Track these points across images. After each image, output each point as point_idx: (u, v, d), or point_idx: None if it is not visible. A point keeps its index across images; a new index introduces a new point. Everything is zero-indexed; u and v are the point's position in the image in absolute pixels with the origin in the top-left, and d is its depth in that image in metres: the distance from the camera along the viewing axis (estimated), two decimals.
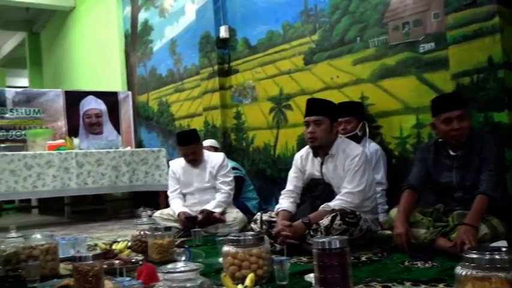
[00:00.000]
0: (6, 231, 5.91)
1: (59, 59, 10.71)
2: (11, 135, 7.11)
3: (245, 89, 5.97)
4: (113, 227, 6.06)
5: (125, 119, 7.96)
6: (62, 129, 7.45)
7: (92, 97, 7.75)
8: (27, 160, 6.22)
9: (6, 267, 3.12)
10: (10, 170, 6.10)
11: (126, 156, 6.90)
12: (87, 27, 9.42)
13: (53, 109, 7.48)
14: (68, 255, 3.38)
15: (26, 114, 7.27)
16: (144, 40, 7.88)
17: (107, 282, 2.50)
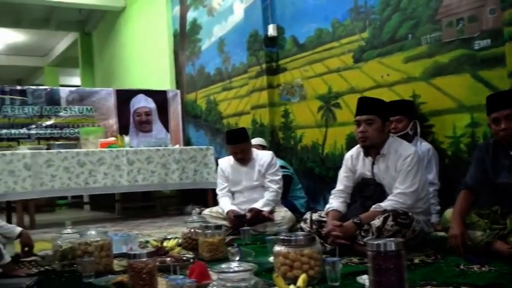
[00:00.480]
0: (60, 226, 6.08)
1: (110, 58, 10.95)
2: (64, 133, 7.32)
3: (293, 88, 5.95)
4: (162, 224, 6.16)
5: (173, 117, 8.06)
6: (113, 127, 7.62)
7: (142, 95, 7.89)
8: (80, 157, 6.39)
9: (63, 262, 3.21)
10: (64, 167, 6.28)
11: (175, 154, 6.99)
12: (137, 27, 9.59)
13: (105, 107, 7.66)
14: (120, 252, 3.45)
15: (79, 112, 7.47)
16: (193, 39, 7.96)
17: (160, 280, 2.54)
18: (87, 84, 11.87)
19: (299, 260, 2.43)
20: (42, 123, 7.20)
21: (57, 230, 5.85)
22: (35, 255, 3.60)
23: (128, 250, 3.10)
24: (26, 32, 12.60)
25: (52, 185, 6.22)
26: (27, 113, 7.11)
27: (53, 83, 14.13)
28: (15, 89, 7.29)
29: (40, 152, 6.26)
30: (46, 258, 3.45)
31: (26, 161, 6.05)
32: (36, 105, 7.18)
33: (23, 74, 16.57)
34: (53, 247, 3.32)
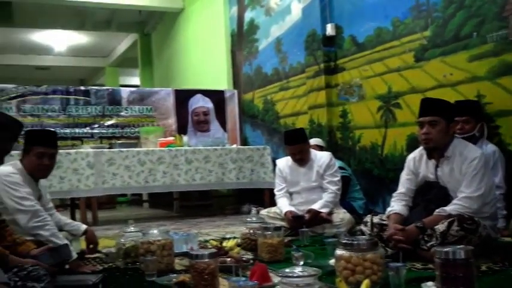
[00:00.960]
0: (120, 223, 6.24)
1: (169, 58, 11.14)
2: (125, 132, 7.50)
3: (352, 87, 5.87)
4: (220, 223, 6.21)
5: (230, 117, 8.12)
6: (172, 127, 7.75)
7: (199, 95, 7.98)
8: (141, 156, 6.54)
9: (126, 260, 3.29)
10: (125, 166, 6.45)
11: (233, 154, 7.05)
12: (195, 28, 9.71)
13: (164, 107, 7.80)
14: (181, 251, 3.50)
15: (139, 112, 7.63)
16: (250, 39, 7.99)
17: (221, 280, 2.56)
18: (146, 84, 12.12)
19: (361, 264, 2.39)
20: (104, 123, 7.41)
21: (118, 227, 6.06)
22: (99, 252, 3.70)
23: (189, 250, 3.15)
24: (89, 34, 13.00)
25: (113, 183, 6.39)
26: (90, 113, 7.33)
27: (113, 83, 14.52)
28: (79, 90, 7.54)
29: (102, 151, 6.45)
30: (110, 256, 3.54)
31: (89, 159, 6.25)
32: (99, 105, 7.38)
33: (85, 74, 17.10)
34: (117, 245, 3.40)
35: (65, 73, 16.10)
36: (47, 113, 7.06)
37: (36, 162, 3.19)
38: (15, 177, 3.13)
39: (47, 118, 7.06)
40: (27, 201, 3.10)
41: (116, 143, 6.93)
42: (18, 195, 3.09)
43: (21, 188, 3.12)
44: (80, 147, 6.76)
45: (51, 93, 7.16)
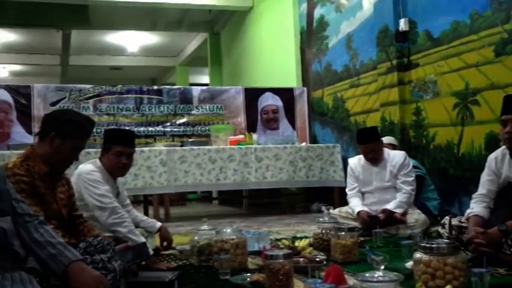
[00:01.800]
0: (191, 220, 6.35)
1: (237, 56, 11.23)
2: (196, 130, 7.62)
3: (426, 84, 5.69)
4: (290, 221, 6.19)
5: (300, 115, 8.08)
6: (242, 125, 7.80)
7: (269, 93, 7.99)
8: (212, 154, 6.63)
9: (200, 258, 3.33)
10: (196, 164, 6.56)
11: (302, 152, 7.01)
12: (264, 26, 9.73)
13: (234, 105, 7.86)
14: (252, 249, 3.51)
15: (210, 110, 7.74)
16: (320, 36, 7.91)
17: (296, 281, 2.54)
18: (216, 83, 12.28)
19: (442, 269, 2.30)
20: (176, 121, 7.55)
21: (189, 223, 6.17)
22: (173, 249, 3.77)
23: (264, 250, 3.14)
24: (160, 34, 13.31)
25: (185, 181, 6.52)
26: (162, 112, 7.50)
27: (183, 81, 14.80)
28: (152, 89, 7.73)
29: (175, 148, 6.59)
30: (183, 253, 3.60)
31: (162, 157, 6.40)
32: (171, 104, 7.54)
33: (156, 74, 17.53)
34: (190, 242, 3.45)
35: (137, 73, 16.59)
36: (121, 112, 7.29)
37: (115, 161, 3.29)
38: (95, 175, 3.24)
39: (122, 117, 7.29)
40: (106, 198, 3.20)
41: (187, 141, 7.06)
42: (98, 193, 3.20)
43: (100, 186, 3.23)
44: (153, 145, 6.93)
45: (126, 93, 7.39)
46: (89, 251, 1.93)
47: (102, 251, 1.92)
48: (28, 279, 1.62)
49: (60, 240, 1.82)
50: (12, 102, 6.82)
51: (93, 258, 1.89)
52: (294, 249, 3.41)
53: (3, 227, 1.67)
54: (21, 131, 6.79)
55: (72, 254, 1.76)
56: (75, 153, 2.65)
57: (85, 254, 1.91)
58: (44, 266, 1.74)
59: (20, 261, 1.68)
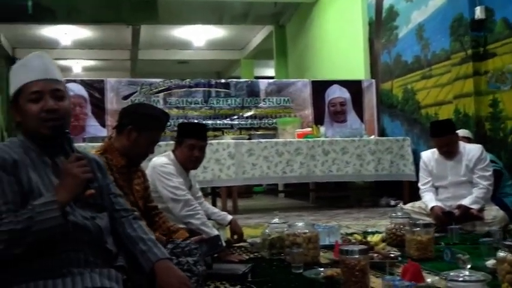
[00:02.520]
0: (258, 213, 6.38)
1: (303, 49, 11.14)
2: (263, 123, 7.63)
3: (504, 74, 5.43)
4: (358, 215, 6.10)
5: (368, 107, 7.93)
6: (309, 118, 7.74)
7: (336, 86, 7.89)
8: (279, 147, 6.62)
9: (271, 251, 3.32)
10: (264, 156, 6.57)
11: (371, 145, 6.89)
12: (331, 17, 9.60)
13: (301, 98, 7.81)
14: (324, 243, 3.47)
15: (277, 103, 7.72)
16: (389, 26, 7.72)
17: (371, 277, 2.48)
18: (281, 76, 12.24)
19: None
20: (243, 114, 7.59)
21: (257, 216, 6.20)
22: (244, 242, 3.79)
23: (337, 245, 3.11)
24: (226, 28, 13.40)
25: (253, 173, 6.55)
26: (230, 105, 7.56)
27: (248, 74, 14.85)
28: (220, 82, 7.80)
29: (242, 141, 6.63)
30: (254, 246, 3.62)
31: (230, 150, 6.46)
32: (238, 97, 7.58)
33: (222, 67, 17.69)
34: (262, 235, 3.45)
35: (203, 66, 16.80)
36: (190, 105, 7.40)
37: (188, 154, 3.34)
38: (169, 168, 3.30)
39: (191, 110, 7.40)
40: (180, 190, 3.25)
41: (254, 134, 7.09)
42: (172, 185, 3.25)
43: (174, 178, 3.28)
44: (221, 138, 7.00)
45: (194, 86, 7.49)
46: (175, 252, 1.94)
47: (189, 254, 1.94)
48: (115, 276, 1.64)
49: (151, 237, 1.83)
50: (87, 97, 7.06)
51: (179, 260, 1.90)
52: (367, 244, 3.34)
53: (99, 225, 1.70)
54: (96, 124, 7.02)
55: (161, 252, 1.78)
56: (151, 146, 2.71)
57: (172, 255, 1.93)
58: (133, 262, 1.76)
59: (111, 259, 1.71)
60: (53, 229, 1.53)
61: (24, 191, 1.59)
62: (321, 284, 2.58)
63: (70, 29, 12.47)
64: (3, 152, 1.62)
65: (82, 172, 1.62)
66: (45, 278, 1.54)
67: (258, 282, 2.63)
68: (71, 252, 1.61)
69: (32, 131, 1.69)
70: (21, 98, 1.70)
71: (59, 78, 1.75)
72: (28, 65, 1.73)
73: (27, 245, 1.51)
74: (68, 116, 1.75)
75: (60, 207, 1.54)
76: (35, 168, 1.65)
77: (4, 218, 1.51)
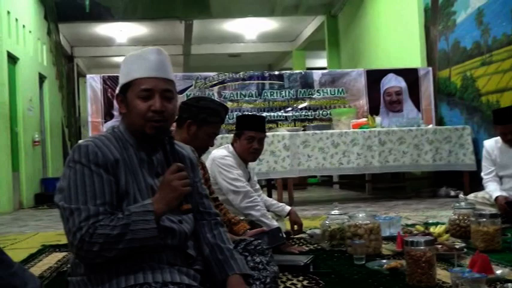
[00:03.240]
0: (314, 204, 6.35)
1: (356, 38, 10.98)
2: (318, 114, 7.58)
3: None
4: (417, 206, 5.99)
5: (425, 96, 7.75)
6: (364, 108, 7.64)
7: (392, 75, 7.74)
8: (334, 138, 6.58)
9: (332, 242, 3.30)
10: (319, 148, 6.54)
11: (428, 135, 6.75)
12: (385, 5, 9.41)
13: (355, 88, 7.71)
14: (384, 235, 3.42)
15: (331, 94, 7.65)
16: (446, 12, 7.49)
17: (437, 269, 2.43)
18: (334, 66, 12.11)
19: None
20: (297, 106, 7.56)
21: (313, 207, 6.19)
22: (303, 233, 3.79)
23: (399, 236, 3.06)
24: (277, 20, 13.37)
25: (308, 165, 6.54)
26: (284, 97, 7.54)
27: (300, 66, 14.78)
28: (273, 74, 7.80)
29: (297, 133, 6.61)
30: (314, 237, 3.61)
31: (285, 142, 6.46)
32: (292, 89, 7.56)
33: (273, 59, 17.67)
34: (321, 227, 3.43)
35: (254, 59, 16.83)
36: (244, 98, 7.44)
37: (247, 146, 3.35)
38: (228, 160, 3.33)
39: (245, 103, 7.43)
40: (239, 182, 3.28)
41: (309, 126, 7.06)
42: (231, 177, 3.28)
43: (233, 170, 3.31)
44: (275, 130, 7.00)
45: (248, 79, 7.52)
46: (249, 249, 1.93)
47: (261, 253, 1.93)
48: (193, 275, 1.65)
49: (229, 246, 1.80)
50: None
51: (254, 258, 1.89)
52: (430, 235, 3.27)
53: (186, 230, 1.70)
54: None
55: (237, 265, 1.74)
56: (211, 139, 2.74)
57: (245, 252, 1.92)
58: (207, 268, 1.76)
59: (190, 263, 1.71)
60: (146, 240, 1.54)
61: (121, 192, 1.60)
62: (384, 275, 2.55)
63: (125, 26, 12.75)
64: (107, 149, 1.62)
65: (182, 185, 1.58)
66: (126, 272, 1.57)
67: (321, 274, 2.62)
68: (153, 253, 1.62)
69: (136, 127, 1.68)
70: (131, 91, 1.67)
71: (171, 77, 1.72)
72: (144, 59, 1.69)
73: (119, 251, 1.53)
74: (172, 118, 1.72)
75: (156, 218, 1.54)
76: (132, 168, 1.65)
77: (101, 220, 1.52)
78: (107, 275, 1.58)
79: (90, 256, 1.52)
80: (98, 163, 1.58)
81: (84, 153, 1.59)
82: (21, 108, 8.27)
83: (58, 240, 4.25)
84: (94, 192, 1.55)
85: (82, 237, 1.50)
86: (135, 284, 1.54)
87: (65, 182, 1.58)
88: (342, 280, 2.52)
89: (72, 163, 1.60)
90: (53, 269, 3.18)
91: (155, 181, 1.69)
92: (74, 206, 1.53)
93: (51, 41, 10.71)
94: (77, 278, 1.64)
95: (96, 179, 1.57)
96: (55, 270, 3.11)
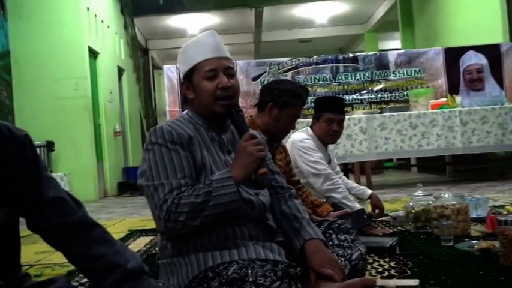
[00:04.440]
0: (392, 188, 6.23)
1: (432, 17, 10.60)
2: (394, 96, 7.40)
3: None
4: (502, 188, 5.74)
5: (508, 73, 7.37)
6: (443, 87, 7.37)
7: (471, 52, 7.42)
8: (412, 120, 6.41)
9: (416, 224, 3.23)
10: (397, 130, 6.40)
11: None
12: None
13: (433, 68, 7.45)
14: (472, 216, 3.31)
15: (408, 74, 7.43)
16: None
17: None
18: (408, 46, 11.76)
19: None
20: (372, 88, 7.42)
21: (393, 191, 6.08)
22: (385, 216, 3.73)
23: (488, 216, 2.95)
24: (348, 2, 13.16)
25: (386, 148, 6.42)
26: (358, 79, 7.41)
27: (372, 48, 14.47)
28: (347, 57, 7.68)
29: (374, 116, 6.50)
30: (397, 219, 3.54)
31: (361, 125, 6.37)
32: (367, 71, 7.41)
33: (344, 43, 17.41)
34: (405, 208, 3.37)
35: (325, 44, 16.65)
36: (318, 82, 7.37)
37: (326, 128, 3.33)
38: (308, 143, 3.32)
39: (319, 87, 7.37)
40: (320, 165, 3.27)
41: (385, 108, 6.92)
42: (312, 160, 3.28)
43: (313, 153, 3.30)
44: (351, 113, 6.91)
45: (322, 63, 7.45)
46: (332, 227, 1.93)
47: (346, 231, 1.92)
48: (277, 249, 1.67)
49: (305, 215, 1.82)
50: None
51: (338, 236, 1.89)
52: None
53: (263, 201, 1.73)
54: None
55: (314, 231, 1.76)
56: (292, 122, 2.74)
57: (329, 230, 1.91)
58: (287, 239, 1.77)
59: (271, 235, 1.73)
60: (229, 204, 1.58)
61: (198, 166, 1.66)
62: (476, 256, 2.46)
63: (197, 17, 12.96)
64: (179, 128, 1.68)
65: (257, 150, 1.64)
66: (212, 250, 1.61)
67: (408, 255, 2.57)
68: (235, 227, 1.66)
69: (206, 108, 1.74)
70: (196, 75, 1.74)
71: (229, 56, 1.80)
72: (202, 43, 1.77)
73: (204, 218, 1.57)
74: (238, 94, 1.79)
75: (235, 183, 1.58)
76: (205, 145, 1.72)
77: (184, 191, 1.58)
78: (194, 254, 1.62)
79: (178, 227, 1.57)
80: (174, 141, 1.65)
81: (160, 134, 1.66)
82: (103, 100, 8.62)
83: (144, 226, 4.43)
84: (174, 168, 1.62)
85: (168, 208, 1.55)
86: (222, 262, 1.57)
87: (145, 164, 1.66)
88: (431, 261, 2.46)
89: (150, 145, 1.67)
90: (142, 251, 3.31)
91: (227, 157, 1.75)
92: (157, 182, 1.60)
93: (128, 34, 11.06)
94: (166, 259, 1.70)
95: (174, 155, 1.63)
96: (144, 253, 3.24)
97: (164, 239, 1.71)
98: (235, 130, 1.78)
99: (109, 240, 1.35)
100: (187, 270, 1.61)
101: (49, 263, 3.09)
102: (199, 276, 1.57)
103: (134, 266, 1.29)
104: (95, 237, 1.32)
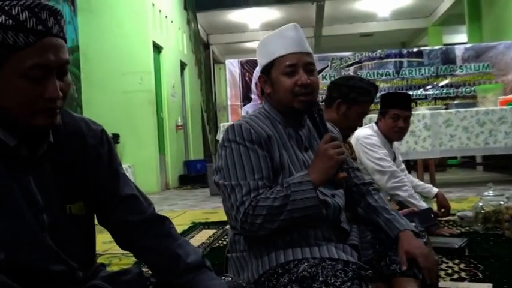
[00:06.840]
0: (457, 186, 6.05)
1: (502, 8, 10.17)
2: (460, 91, 7.19)
3: None
4: None
5: None
6: None
7: None
8: (480, 116, 6.20)
9: (486, 225, 3.13)
10: (463, 127, 6.21)
11: None
12: None
13: (503, 62, 7.19)
14: None
15: (475, 69, 7.21)
16: None
17: None
18: (475, 40, 11.35)
19: None
20: (438, 83, 7.23)
21: (457, 189, 5.89)
22: (452, 215, 3.63)
23: None
24: None
25: (451, 145, 6.24)
26: (423, 74, 7.25)
27: (437, 42, 14.05)
28: (412, 52, 7.52)
29: (439, 112, 6.32)
30: (465, 219, 3.45)
31: (425, 121, 6.21)
32: (432, 66, 7.24)
33: (406, 37, 17.00)
34: (474, 209, 3.27)
35: (387, 38, 16.30)
36: (381, 77, 7.26)
37: (392, 125, 3.27)
38: (373, 139, 3.27)
39: (382, 82, 7.25)
40: (385, 162, 3.21)
41: (451, 104, 6.73)
42: (376, 156, 3.22)
43: (378, 150, 3.24)
44: (415, 109, 6.74)
45: (385, 58, 7.32)
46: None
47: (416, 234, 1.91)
48: (350, 251, 1.65)
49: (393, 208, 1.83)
50: None
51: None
52: None
53: (339, 204, 1.71)
54: None
55: (406, 223, 1.76)
56: (360, 119, 2.71)
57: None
58: (376, 231, 1.77)
59: (344, 237, 1.72)
60: (307, 209, 1.55)
61: (275, 166, 1.64)
62: None
63: (257, 12, 12.99)
64: (259, 127, 1.66)
65: (337, 154, 1.57)
66: (285, 248, 1.61)
67: (478, 257, 2.50)
68: (309, 229, 1.64)
69: (284, 104, 1.70)
70: (275, 70, 1.70)
71: (311, 51, 1.74)
72: (283, 37, 1.71)
73: (281, 222, 1.55)
74: (317, 90, 1.73)
75: (314, 188, 1.55)
76: (283, 144, 1.69)
77: (261, 194, 1.56)
78: (266, 250, 1.62)
79: (254, 229, 1.56)
80: (252, 140, 1.62)
81: (238, 132, 1.64)
82: (166, 94, 8.79)
83: (206, 218, 4.49)
84: (251, 168, 1.60)
85: (246, 210, 1.54)
86: (294, 259, 1.56)
87: (221, 161, 1.64)
88: (503, 264, 2.38)
89: (228, 142, 1.65)
90: (206, 244, 3.35)
91: (304, 155, 1.72)
92: (234, 183, 1.59)
93: (190, 29, 11.22)
94: (236, 254, 1.70)
95: (252, 155, 1.61)
96: (208, 246, 3.28)
97: (236, 234, 1.71)
98: (310, 125, 1.75)
99: (174, 234, 1.37)
100: (258, 266, 1.62)
101: (116, 253, 3.19)
102: (269, 272, 1.58)
103: (195, 260, 1.30)
104: (163, 232, 1.34)
